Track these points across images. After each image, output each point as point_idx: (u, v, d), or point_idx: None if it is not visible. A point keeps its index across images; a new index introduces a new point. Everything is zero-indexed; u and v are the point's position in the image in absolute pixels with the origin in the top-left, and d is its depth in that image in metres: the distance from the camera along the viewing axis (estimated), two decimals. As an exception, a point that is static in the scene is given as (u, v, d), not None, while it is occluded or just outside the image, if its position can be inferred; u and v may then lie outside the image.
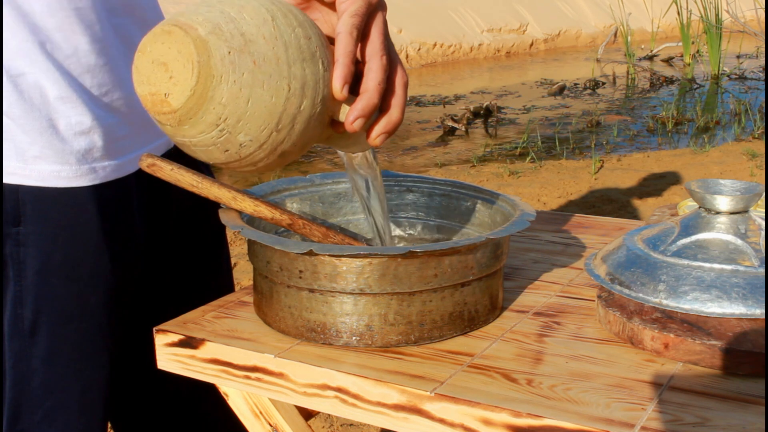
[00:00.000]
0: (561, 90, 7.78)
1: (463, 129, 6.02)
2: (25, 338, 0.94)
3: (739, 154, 4.89)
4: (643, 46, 10.47)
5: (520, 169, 4.67)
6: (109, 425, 1.17)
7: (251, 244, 0.92)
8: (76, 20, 0.90)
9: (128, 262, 1.00)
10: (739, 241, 0.87)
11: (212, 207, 1.04)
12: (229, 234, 3.31)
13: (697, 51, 9.23)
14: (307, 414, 1.00)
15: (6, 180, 0.91)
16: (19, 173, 0.91)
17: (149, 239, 1.05)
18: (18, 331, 0.94)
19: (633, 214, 3.81)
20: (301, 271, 0.86)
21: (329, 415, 2.06)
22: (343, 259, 0.84)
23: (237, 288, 1.18)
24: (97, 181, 0.95)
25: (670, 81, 8.20)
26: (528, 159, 4.92)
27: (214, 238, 1.17)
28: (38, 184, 0.92)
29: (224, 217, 0.92)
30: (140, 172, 1.01)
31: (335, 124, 0.77)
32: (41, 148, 0.91)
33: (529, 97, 7.58)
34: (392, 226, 1.12)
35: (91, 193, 0.95)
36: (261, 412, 0.92)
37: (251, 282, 0.98)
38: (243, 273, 2.99)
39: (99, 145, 0.94)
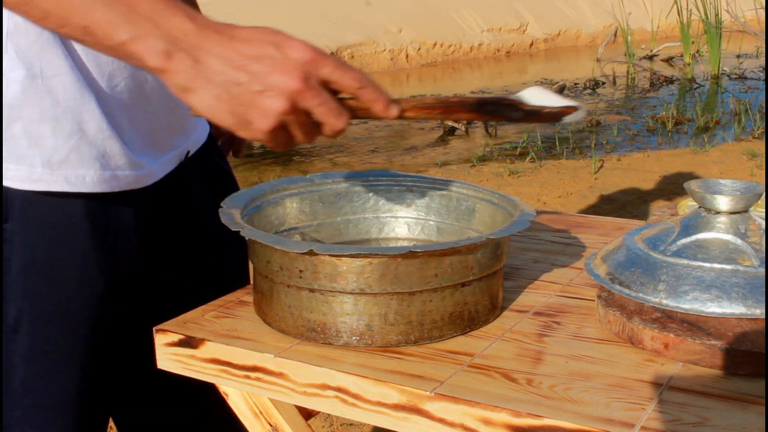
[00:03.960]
0: (561, 90, 7.77)
1: (463, 129, 6.01)
2: (8, 334, 0.94)
3: (739, 154, 4.88)
4: (643, 46, 10.46)
5: (520, 168, 4.67)
6: (112, 425, 1.17)
7: (251, 243, 0.92)
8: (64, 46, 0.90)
9: (118, 267, 1.00)
10: (739, 241, 0.87)
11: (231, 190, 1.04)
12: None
13: (697, 51, 9.22)
14: (307, 414, 1.00)
15: None
16: (9, 176, 0.91)
17: (147, 243, 1.04)
18: (2, 326, 0.93)
19: (633, 214, 3.80)
20: (301, 271, 0.86)
21: (329, 414, 2.06)
22: (343, 258, 0.84)
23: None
24: (115, 189, 0.95)
25: (670, 81, 8.19)
26: (528, 159, 4.92)
27: (229, 237, 1.16)
28: (64, 189, 0.92)
29: (224, 217, 0.92)
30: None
31: None
32: (68, 152, 0.91)
33: (529, 97, 7.57)
34: (392, 226, 1.12)
35: (81, 196, 0.95)
36: (261, 412, 0.92)
37: (251, 282, 0.98)
38: (243, 273, 2.99)
39: (125, 152, 0.95)
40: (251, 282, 1.00)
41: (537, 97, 0.85)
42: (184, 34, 0.73)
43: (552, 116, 0.84)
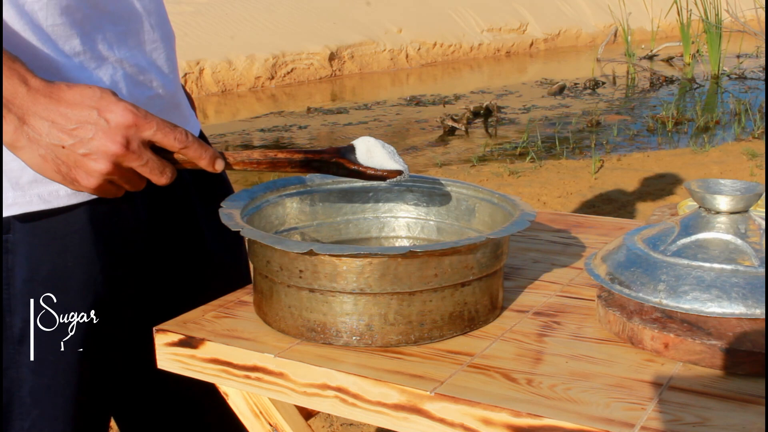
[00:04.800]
0: (561, 90, 7.78)
1: (463, 129, 6.01)
2: (15, 346, 0.93)
3: (739, 154, 4.89)
4: (643, 46, 10.46)
5: (520, 168, 4.67)
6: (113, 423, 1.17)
7: (251, 243, 0.92)
8: (55, 37, 0.89)
9: (122, 272, 0.99)
10: (739, 241, 0.87)
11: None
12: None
13: (697, 51, 9.22)
14: (307, 414, 1.00)
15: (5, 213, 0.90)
16: (19, 202, 0.91)
17: (148, 246, 1.04)
18: (8, 338, 0.93)
19: (633, 214, 3.81)
20: (301, 271, 0.86)
21: (329, 414, 2.06)
22: (343, 258, 0.84)
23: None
24: (95, 196, 0.94)
25: (670, 81, 8.20)
26: (528, 159, 4.92)
27: (231, 232, 1.16)
28: (40, 208, 0.91)
29: (224, 217, 0.92)
30: None
31: None
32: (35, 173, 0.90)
33: (529, 97, 7.58)
34: (392, 226, 1.12)
35: (85, 205, 0.94)
36: (261, 412, 0.92)
37: (251, 282, 0.98)
38: (243, 273, 2.99)
39: None
40: (252, 282, 1.00)
41: (367, 149, 0.93)
42: (13, 97, 0.78)
43: (375, 177, 0.93)
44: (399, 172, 0.93)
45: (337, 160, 0.92)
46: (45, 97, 0.80)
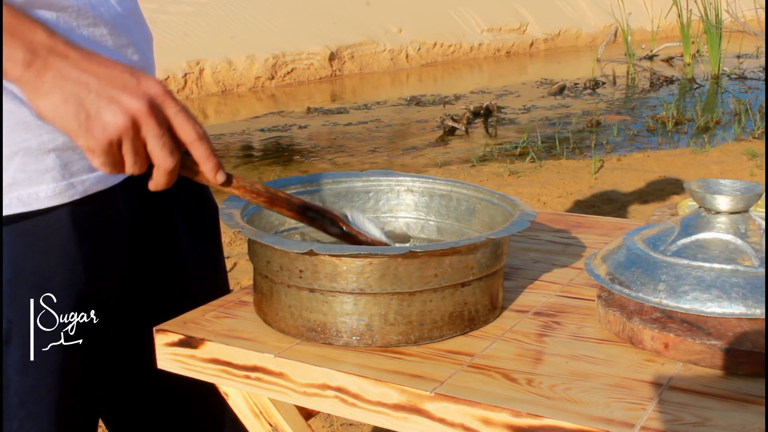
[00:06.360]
0: (561, 90, 7.77)
1: (463, 129, 6.01)
2: (0, 347, 0.93)
3: (739, 154, 4.89)
4: (643, 46, 10.46)
5: (520, 168, 4.67)
6: (102, 425, 1.17)
7: (251, 243, 0.92)
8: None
9: (107, 272, 0.99)
10: (739, 241, 0.87)
11: (207, 210, 1.02)
12: (229, 234, 3.31)
13: (697, 51, 9.22)
14: (307, 414, 1.00)
15: None
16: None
17: (136, 246, 1.04)
18: None
19: (633, 214, 3.80)
20: (301, 271, 0.86)
21: (329, 414, 2.06)
22: (343, 258, 0.84)
23: (237, 288, 1.18)
24: (76, 197, 0.94)
25: (670, 81, 8.19)
26: (528, 159, 4.92)
27: (210, 241, 1.16)
28: (19, 210, 0.91)
29: (224, 217, 0.92)
30: (126, 181, 1.00)
31: None
32: (14, 173, 0.90)
33: (529, 97, 7.58)
34: (393, 226, 1.12)
35: (68, 205, 0.94)
36: (261, 412, 0.92)
37: (251, 282, 0.98)
38: (243, 273, 2.99)
39: (74, 159, 0.93)
40: (252, 282, 1.00)
41: (360, 216, 0.97)
42: (42, 46, 0.77)
43: (365, 244, 0.95)
44: (387, 245, 0.96)
45: (333, 217, 0.95)
46: (75, 51, 0.79)
